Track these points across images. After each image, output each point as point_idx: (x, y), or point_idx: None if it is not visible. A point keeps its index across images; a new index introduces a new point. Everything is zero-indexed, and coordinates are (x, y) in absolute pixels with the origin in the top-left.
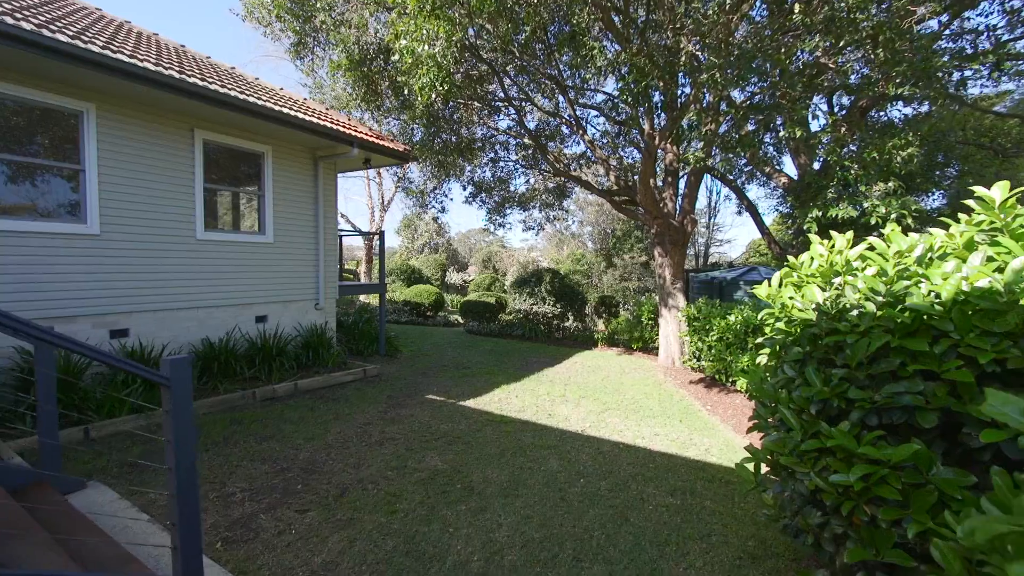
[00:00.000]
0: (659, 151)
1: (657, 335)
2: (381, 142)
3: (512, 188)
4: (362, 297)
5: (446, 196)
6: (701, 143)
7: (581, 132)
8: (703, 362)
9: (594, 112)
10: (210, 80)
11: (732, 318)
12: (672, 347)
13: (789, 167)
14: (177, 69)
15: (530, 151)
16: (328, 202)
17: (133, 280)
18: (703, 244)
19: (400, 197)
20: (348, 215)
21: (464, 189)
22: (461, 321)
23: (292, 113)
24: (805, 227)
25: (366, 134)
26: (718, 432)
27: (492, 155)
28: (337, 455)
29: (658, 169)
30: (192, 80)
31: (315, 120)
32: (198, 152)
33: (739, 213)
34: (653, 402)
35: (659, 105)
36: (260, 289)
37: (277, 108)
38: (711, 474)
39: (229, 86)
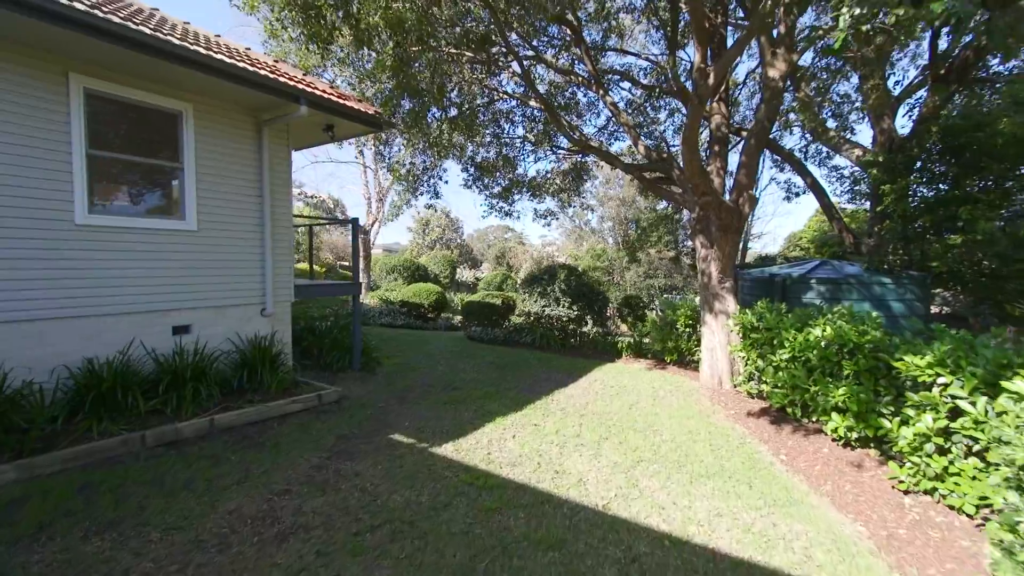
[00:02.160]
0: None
1: (697, 346)
2: (341, 101)
3: (521, 170)
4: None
5: (440, 179)
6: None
7: (602, 92)
8: (764, 386)
9: (616, 76)
10: (80, 1)
11: (817, 332)
12: (719, 363)
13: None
14: None
15: (540, 124)
16: (278, 180)
17: None
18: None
19: (399, 187)
20: (344, 205)
21: (467, 171)
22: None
23: (199, 50)
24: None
25: (321, 90)
26: (811, 507)
27: (495, 129)
28: (195, 570)
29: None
30: None
31: (235, 62)
32: (76, 106)
33: (787, 199)
34: (703, 447)
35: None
36: (179, 291)
37: (177, 42)
38: None
39: (117, 14)
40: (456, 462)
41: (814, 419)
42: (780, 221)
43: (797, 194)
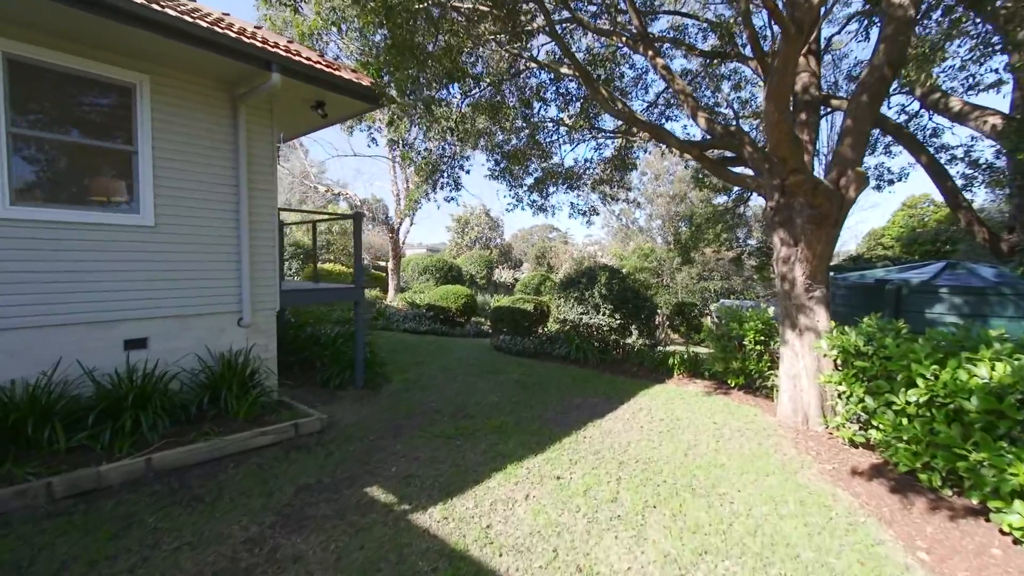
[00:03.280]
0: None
1: (770, 368)
2: (324, 68)
3: (557, 159)
4: (388, 298)
5: (461, 168)
6: None
7: (652, 54)
8: (876, 433)
9: (668, 45)
10: None
11: (980, 371)
12: (804, 396)
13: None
14: None
15: (576, 102)
16: (258, 167)
17: None
18: None
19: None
20: (386, 205)
21: (495, 162)
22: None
23: None
24: None
25: (304, 57)
26: None
27: (524, 111)
28: None
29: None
30: None
31: (181, 16)
32: None
33: (877, 188)
34: (795, 528)
35: None
36: (131, 298)
37: None
38: None
39: None
40: (440, 541)
41: (974, 499)
42: (862, 216)
43: (891, 181)
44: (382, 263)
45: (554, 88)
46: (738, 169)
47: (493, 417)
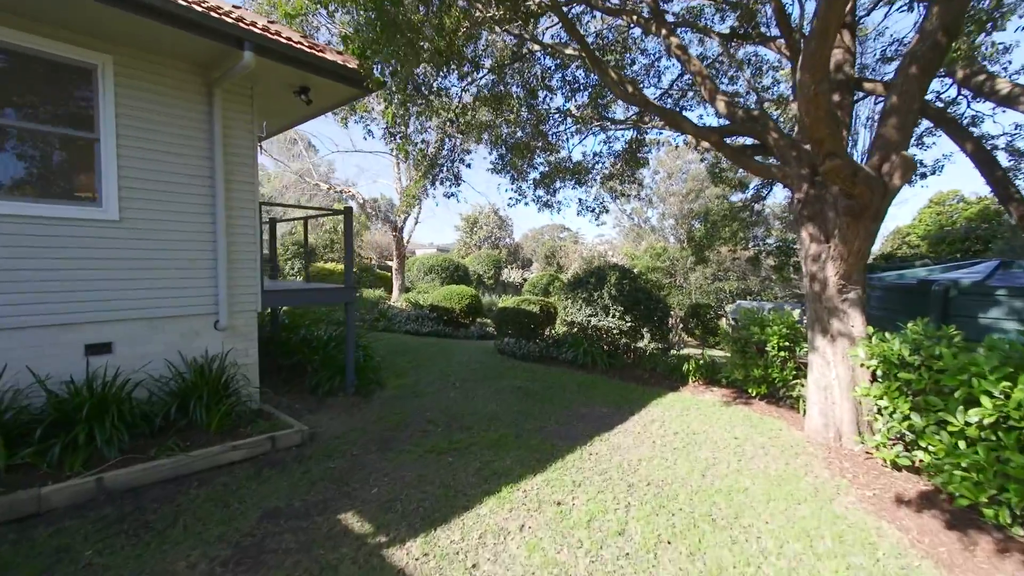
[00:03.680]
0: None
1: (795, 376)
2: (304, 48)
3: (564, 153)
4: (392, 299)
5: (461, 161)
6: None
7: (665, 32)
8: (924, 455)
9: (685, 29)
10: None
11: None
12: (838, 410)
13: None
14: None
15: (584, 91)
16: (236, 158)
17: None
18: None
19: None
20: (394, 201)
21: (499, 156)
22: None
23: None
24: None
25: (285, 37)
26: None
27: (528, 100)
28: None
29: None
30: None
31: None
32: None
33: (909, 182)
34: (835, 573)
35: None
36: (93, 298)
37: None
38: None
39: None
40: None
41: None
42: (888, 211)
43: (924, 175)
44: (389, 263)
45: (560, 75)
46: (761, 158)
47: (491, 429)
